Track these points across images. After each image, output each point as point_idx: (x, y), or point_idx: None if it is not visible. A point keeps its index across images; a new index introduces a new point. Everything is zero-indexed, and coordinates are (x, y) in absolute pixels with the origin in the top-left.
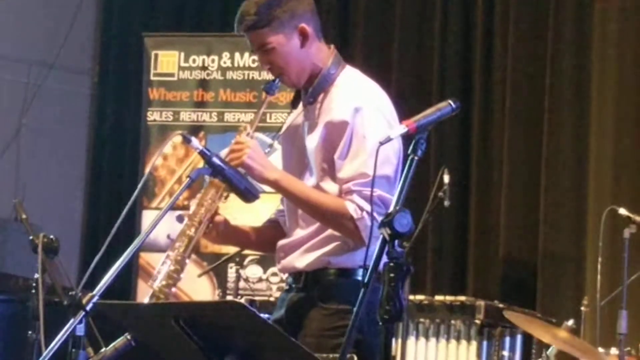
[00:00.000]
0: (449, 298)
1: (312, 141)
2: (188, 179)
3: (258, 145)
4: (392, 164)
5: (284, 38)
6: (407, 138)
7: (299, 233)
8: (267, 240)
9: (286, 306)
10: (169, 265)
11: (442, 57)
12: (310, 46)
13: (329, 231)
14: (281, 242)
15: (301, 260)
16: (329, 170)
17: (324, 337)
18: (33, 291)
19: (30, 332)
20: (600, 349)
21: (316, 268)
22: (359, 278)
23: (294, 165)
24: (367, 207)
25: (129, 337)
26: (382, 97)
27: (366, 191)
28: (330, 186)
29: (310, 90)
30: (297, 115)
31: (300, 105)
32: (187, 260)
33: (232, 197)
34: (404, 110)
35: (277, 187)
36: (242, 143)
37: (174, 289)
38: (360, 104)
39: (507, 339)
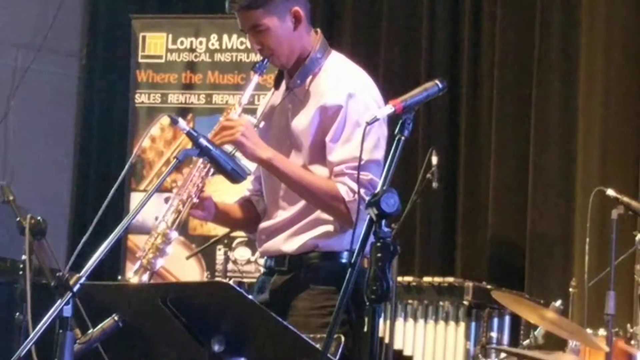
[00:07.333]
0: (437, 279)
1: (300, 123)
2: (175, 160)
3: (250, 124)
4: (382, 149)
5: (277, 20)
6: (393, 118)
7: (281, 215)
8: (241, 219)
9: (270, 289)
10: (156, 237)
11: (431, 36)
12: (301, 29)
13: (315, 214)
14: (263, 225)
15: (288, 244)
16: (319, 153)
17: (311, 316)
18: (20, 273)
19: (17, 314)
20: (588, 330)
21: (303, 252)
22: (344, 261)
23: (274, 145)
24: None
25: (116, 318)
26: (372, 84)
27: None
28: (319, 169)
29: (297, 73)
30: (276, 97)
31: (282, 87)
32: (175, 234)
33: (219, 178)
34: (392, 90)
35: (270, 166)
36: (234, 121)
37: (160, 262)
38: (354, 90)
39: (496, 320)
